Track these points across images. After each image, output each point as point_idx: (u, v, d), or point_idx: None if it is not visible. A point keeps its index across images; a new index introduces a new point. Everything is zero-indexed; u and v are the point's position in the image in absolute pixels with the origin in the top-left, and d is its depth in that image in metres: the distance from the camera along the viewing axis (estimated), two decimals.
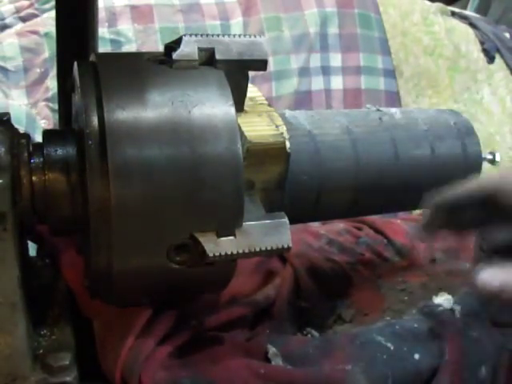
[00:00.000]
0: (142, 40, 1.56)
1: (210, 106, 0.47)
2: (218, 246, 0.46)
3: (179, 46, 0.49)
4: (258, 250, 0.48)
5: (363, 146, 0.59)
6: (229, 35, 0.50)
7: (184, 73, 0.49)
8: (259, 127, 0.52)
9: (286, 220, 0.50)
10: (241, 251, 0.47)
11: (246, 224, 0.48)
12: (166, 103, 0.47)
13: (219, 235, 0.47)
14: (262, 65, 0.51)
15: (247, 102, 0.54)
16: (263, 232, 0.48)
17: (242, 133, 0.49)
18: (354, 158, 0.58)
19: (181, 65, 0.49)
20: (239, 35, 0.51)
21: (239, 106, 0.52)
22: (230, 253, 0.47)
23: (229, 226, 0.47)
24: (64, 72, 0.76)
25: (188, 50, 0.49)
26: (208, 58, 0.50)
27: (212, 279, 0.51)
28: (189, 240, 0.47)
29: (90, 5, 0.71)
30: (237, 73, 0.50)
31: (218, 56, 0.49)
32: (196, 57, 0.49)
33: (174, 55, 0.49)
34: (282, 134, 0.51)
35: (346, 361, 0.55)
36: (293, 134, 0.54)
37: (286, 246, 0.49)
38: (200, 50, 0.49)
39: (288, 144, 0.51)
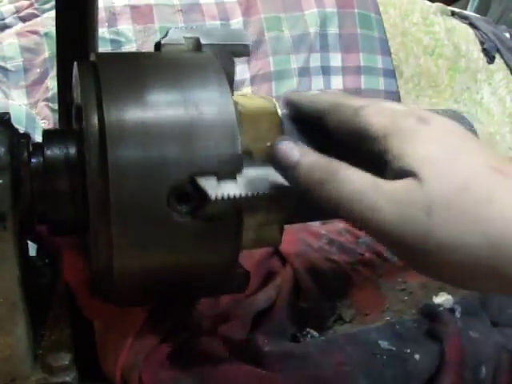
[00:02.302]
0: (142, 40, 1.57)
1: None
2: (219, 188, 0.45)
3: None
4: (261, 193, 0.46)
5: None
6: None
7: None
8: (251, 99, 0.54)
9: None
10: (244, 194, 0.45)
11: (247, 170, 0.47)
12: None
13: (220, 179, 0.46)
14: (245, 49, 0.53)
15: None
16: (266, 177, 0.47)
17: (235, 103, 0.50)
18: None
19: (169, 48, 0.52)
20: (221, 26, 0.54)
21: None
22: (232, 195, 0.45)
23: (228, 171, 0.46)
24: (64, 72, 0.76)
25: (175, 37, 0.52)
26: (194, 45, 0.52)
27: (218, 239, 0.49)
28: (189, 185, 0.46)
29: (90, 5, 0.71)
30: (222, 57, 0.52)
31: (203, 41, 0.52)
32: (183, 41, 0.52)
33: (162, 41, 0.52)
34: (273, 103, 0.53)
35: (346, 361, 0.55)
36: None
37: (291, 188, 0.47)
38: (186, 38, 0.52)
39: (280, 111, 0.52)
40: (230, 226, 0.48)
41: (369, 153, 0.43)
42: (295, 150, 0.44)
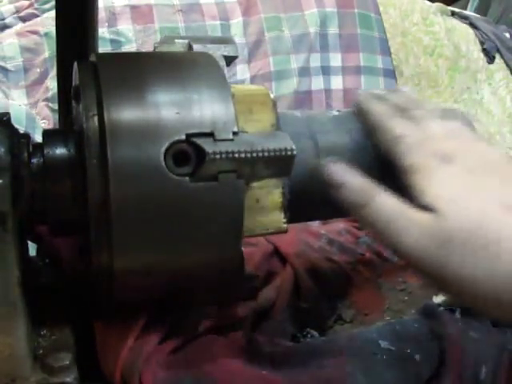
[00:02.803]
0: (142, 40, 1.57)
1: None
2: (216, 146, 0.46)
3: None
4: (259, 149, 0.47)
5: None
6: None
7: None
8: (244, 86, 0.59)
9: (286, 134, 0.50)
10: (242, 149, 0.46)
11: (243, 134, 0.48)
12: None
13: (216, 139, 0.46)
14: (233, 49, 0.56)
15: None
16: (263, 137, 0.48)
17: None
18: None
19: (162, 47, 0.54)
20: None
21: None
22: (230, 150, 0.45)
23: (224, 132, 0.46)
24: (64, 72, 0.76)
25: (168, 42, 0.56)
26: (186, 48, 0.55)
27: (218, 202, 0.47)
28: (186, 144, 0.46)
29: (90, 5, 0.71)
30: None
31: (194, 46, 0.54)
32: (174, 43, 0.55)
33: (155, 43, 0.55)
34: (265, 87, 0.55)
35: (346, 361, 0.55)
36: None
37: (289, 148, 0.48)
38: (177, 42, 0.55)
39: (272, 95, 0.53)
40: (231, 188, 0.47)
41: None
42: (342, 172, 0.50)
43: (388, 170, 0.53)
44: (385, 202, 0.47)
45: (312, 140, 0.57)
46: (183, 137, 0.46)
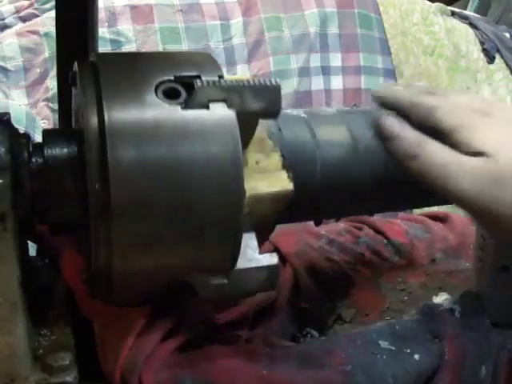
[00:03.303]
0: (141, 40, 1.57)
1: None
2: (204, 81, 0.48)
3: None
4: (245, 82, 0.49)
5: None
6: None
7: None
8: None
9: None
10: (228, 80, 0.48)
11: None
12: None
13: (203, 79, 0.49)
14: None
15: None
16: (248, 79, 0.50)
17: None
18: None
19: None
20: None
21: None
22: (217, 81, 0.48)
23: (210, 76, 0.49)
24: (64, 72, 0.76)
25: None
26: None
27: (212, 130, 0.47)
28: (174, 83, 0.48)
29: (90, 5, 0.71)
30: None
31: None
32: None
33: None
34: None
35: (346, 361, 0.55)
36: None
37: (274, 82, 0.50)
38: None
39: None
40: (223, 116, 0.48)
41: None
42: (397, 125, 0.53)
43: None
44: (436, 150, 0.51)
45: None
46: (172, 77, 0.48)
